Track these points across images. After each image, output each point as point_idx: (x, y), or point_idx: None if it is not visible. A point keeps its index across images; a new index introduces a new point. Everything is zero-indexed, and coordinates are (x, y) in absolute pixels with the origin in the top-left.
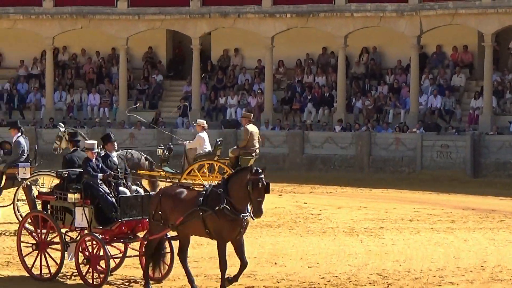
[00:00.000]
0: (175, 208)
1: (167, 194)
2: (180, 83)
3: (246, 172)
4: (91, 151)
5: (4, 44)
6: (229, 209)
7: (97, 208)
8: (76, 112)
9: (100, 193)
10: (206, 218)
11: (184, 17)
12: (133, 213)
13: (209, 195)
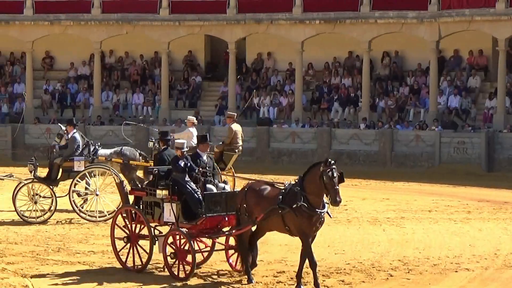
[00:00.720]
0: (258, 204)
1: (252, 189)
2: (217, 84)
3: (318, 166)
4: (180, 150)
5: (56, 48)
6: (306, 206)
7: (184, 204)
8: (122, 110)
9: (187, 190)
10: (285, 215)
11: (221, 23)
12: (218, 209)
13: (288, 193)
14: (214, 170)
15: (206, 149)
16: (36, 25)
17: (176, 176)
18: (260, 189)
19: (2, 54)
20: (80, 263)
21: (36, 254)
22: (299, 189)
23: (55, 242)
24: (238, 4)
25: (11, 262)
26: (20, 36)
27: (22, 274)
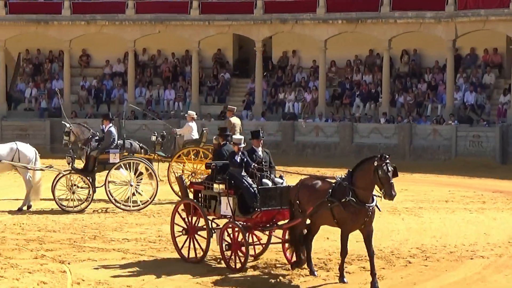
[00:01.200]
0: (310, 198)
1: (304, 185)
2: (245, 80)
3: (371, 161)
4: (237, 146)
5: (92, 47)
6: (354, 200)
7: (240, 197)
8: (154, 105)
9: (244, 184)
10: (333, 209)
11: (249, 23)
12: (272, 203)
13: (337, 187)
14: (270, 164)
15: (260, 144)
16: (74, 25)
17: (232, 170)
18: (312, 185)
19: (42, 52)
20: (115, 250)
21: (73, 241)
22: (348, 184)
23: (91, 230)
24: (264, 4)
25: (50, 249)
26: (59, 35)
27: (60, 260)
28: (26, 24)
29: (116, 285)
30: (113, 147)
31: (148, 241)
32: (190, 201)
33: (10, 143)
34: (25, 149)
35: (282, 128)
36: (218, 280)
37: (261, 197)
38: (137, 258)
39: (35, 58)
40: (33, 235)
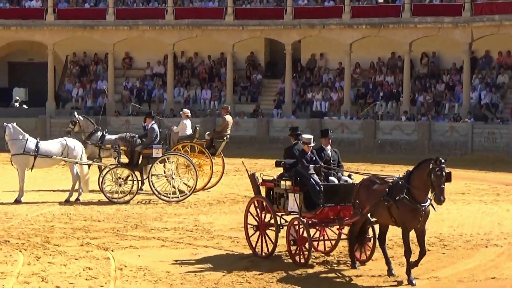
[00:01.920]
0: (367, 197)
1: (364, 185)
2: (275, 81)
3: (428, 163)
4: (307, 145)
5: (135, 50)
6: (408, 199)
7: (306, 194)
8: (192, 104)
9: (310, 181)
10: (390, 207)
11: (279, 27)
12: (336, 199)
13: (394, 186)
14: (339, 163)
15: (328, 143)
16: (117, 29)
17: (300, 168)
18: (371, 184)
19: (88, 55)
20: (155, 238)
21: (116, 230)
22: (404, 182)
23: (133, 219)
24: (294, 11)
25: (95, 237)
26: (103, 39)
27: (104, 248)
28: (73, 29)
29: (156, 271)
30: (156, 142)
31: (185, 230)
32: (260, 198)
33: (60, 139)
34: (74, 145)
35: (310, 125)
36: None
37: (325, 193)
38: (175, 246)
39: (81, 61)
40: (79, 224)
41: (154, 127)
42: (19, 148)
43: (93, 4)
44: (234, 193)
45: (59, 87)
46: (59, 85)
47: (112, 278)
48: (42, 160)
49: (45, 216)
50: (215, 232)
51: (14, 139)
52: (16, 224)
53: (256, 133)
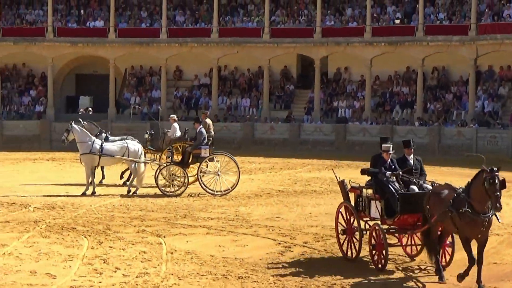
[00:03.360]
0: (436, 206)
1: (434, 193)
2: (306, 91)
3: (481, 173)
4: (386, 153)
5: (184, 63)
6: (470, 211)
7: (387, 201)
8: (233, 111)
9: (389, 189)
10: (453, 218)
11: (309, 45)
12: (412, 208)
13: (457, 197)
14: (421, 172)
15: (411, 153)
16: (169, 46)
17: (380, 176)
18: (440, 193)
19: (144, 68)
20: (201, 227)
21: (167, 219)
22: (464, 196)
23: (182, 210)
24: (322, 30)
25: (149, 225)
26: (157, 54)
27: (157, 234)
28: (131, 46)
29: (201, 254)
30: (204, 144)
31: (227, 219)
32: (346, 204)
33: (122, 141)
34: (133, 146)
35: (335, 130)
36: (283, 251)
37: (402, 201)
38: (219, 233)
39: (138, 73)
40: (136, 214)
41: (202, 130)
42: (86, 148)
43: (149, 24)
44: (269, 188)
45: (119, 96)
46: (119, 94)
47: (164, 260)
48: (105, 159)
49: (106, 207)
50: (253, 221)
51: (82, 141)
52: (82, 214)
53: (289, 136)
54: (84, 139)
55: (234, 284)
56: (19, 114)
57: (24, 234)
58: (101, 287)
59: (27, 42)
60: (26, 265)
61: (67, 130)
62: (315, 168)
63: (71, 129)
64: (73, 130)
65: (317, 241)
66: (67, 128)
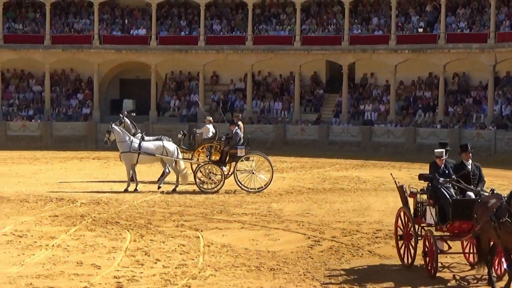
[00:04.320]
0: (482, 215)
1: (483, 201)
2: (334, 95)
3: None
4: (439, 158)
5: (220, 69)
6: (510, 221)
7: (441, 208)
8: (266, 113)
9: (442, 195)
10: (495, 228)
11: (338, 52)
12: (464, 215)
13: (500, 207)
14: (480, 178)
15: (469, 157)
16: (207, 53)
17: (435, 182)
18: (488, 202)
19: (183, 73)
20: (236, 222)
21: (205, 214)
22: (506, 205)
23: (218, 206)
24: (350, 38)
25: (188, 220)
26: (195, 60)
27: (195, 228)
28: (171, 52)
29: (236, 247)
30: (239, 144)
31: (260, 215)
32: (404, 209)
33: (158, 141)
34: (169, 146)
35: (362, 131)
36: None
37: (454, 208)
38: (252, 227)
39: (178, 78)
40: (175, 209)
41: (238, 131)
42: (125, 147)
43: (188, 32)
44: (300, 186)
45: (159, 99)
46: (160, 97)
47: (201, 253)
48: (144, 157)
49: (148, 203)
50: (284, 217)
51: (121, 140)
52: (125, 209)
53: (318, 137)
54: (124, 139)
55: (267, 276)
56: (67, 116)
57: (72, 227)
58: (142, 277)
59: (75, 49)
60: (73, 256)
61: (108, 131)
62: (342, 167)
63: (112, 130)
64: (113, 131)
65: (345, 235)
66: (108, 130)
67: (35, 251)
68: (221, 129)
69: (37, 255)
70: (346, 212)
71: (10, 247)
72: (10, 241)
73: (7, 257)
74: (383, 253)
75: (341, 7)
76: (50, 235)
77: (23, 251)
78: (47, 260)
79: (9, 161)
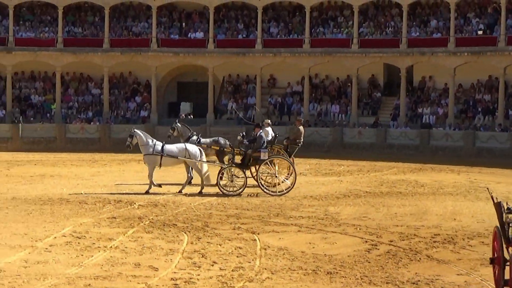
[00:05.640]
0: None
1: None
2: (392, 98)
3: None
4: None
5: (278, 72)
6: None
7: None
8: (323, 116)
9: None
10: None
11: (396, 55)
12: None
13: None
14: None
15: None
16: (264, 56)
17: None
18: None
19: (240, 76)
20: (292, 225)
21: (261, 217)
22: None
23: (275, 209)
24: (408, 41)
25: (244, 223)
26: (253, 64)
27: (251, 231)
28: (229, 55)
29: (293, 250)
30: (263, 147)
31: (317, 218)
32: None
33: (181, 144)
34: (192, 148)
35: (420, 135)
36: (369, 248)
37: None
38: (309, 231)
39: (235, 81)
40: (232, 212)
41: (262, 135)
42: (149, 150)
43: (245, 35)
44: (357, 189)
45: (217, 102)
46: (217, 100)
47: (257, 256)
48: (167, 159)
49: (205, 205)
50: (341, 220)
51: (144, 143)
52: (182, 211)
53: (376, 140)
54: (147, 142)
55: (323, 279)
56: (125, 119)
57: (129, 229)
58: (199, 279)
59: (133, 52)
60: (131, 258)
61: (130, 136)
62: (400, 170)
63: (134, 134)
64: (136, 134)
65: (402, 239)
66: (130, 134)
67: (93, 253)
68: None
69: (95, 257)
70: (403, 216)
71: (69, 248)
72: (69, 242)
73: (66, 258)
74: (442, 258)
75: (399, 10)
76: (108, 236)
77: (82, 252)
78: (105, 262)
79: (68, 163)
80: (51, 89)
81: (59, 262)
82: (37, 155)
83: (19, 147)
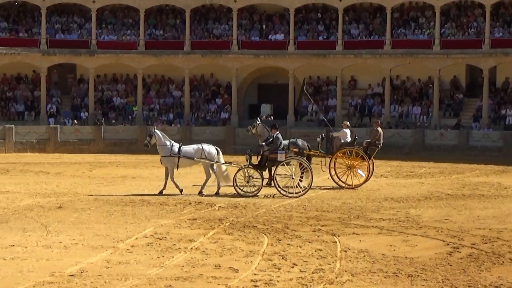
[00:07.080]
0: None
1: None
2: (474, 99)
3: None
4: None
5: (358, 73)
6: None
7: None
8: (404, 118)
9: None
10: None
11: (478, 55)
12: None
13: None
14: None
15: None
16: (345, 57)
17: None
18: None
19: (320, 78)
20: (373, 227)
21: (342, 219)
22: None
23: (355, 211)
24: (491, 41)
25: (325, 225)
26: (333, 65)
27: (332, 233)
28: (309, 57)
29: (373, 253)
30: (280, 149)
31: (398, 221)
32: None
33: (197, 145)
34: (209, 149)
35: (503, 137)
36: (451, 251)
37: None
38: (390, 233)
39: (315, 82)
40: (312, 214)
41: (279, 136)
42: (166, 151)
43: (326, 37)
44: (438, 191)
45: (297, 104)
46: (297, 102)
47: (338, 258)
48: (184, 161)
49: (285, 207)
50: (422, 222)
51: (162, 144)
52: (262, 213)
53: (457, 142)
54: (164, 143)
55: (404, 282)
56: (206, 121)
57: (210, 231)
58: (279, 281)
59: (214, 54)
60: (211, 259)
61: (149, 135)
62: (483, 173)
63: (153, 134)
64: (155, 135)
65: (485, 243)
66: (149, 133)
67: (174, 254)
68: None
69: (176, 258)
70: (486, 219)
71: (150, 249)
72: (150, 243)
73: (147, 259)
74: None
75: (482, 10)
76: (189, 238)
77: (163, 253)
78: (185, 263)
79: (149, 164)
80: (132, 91)
81: (140, 263)
82: (119, 156)
83: (101, 149)
